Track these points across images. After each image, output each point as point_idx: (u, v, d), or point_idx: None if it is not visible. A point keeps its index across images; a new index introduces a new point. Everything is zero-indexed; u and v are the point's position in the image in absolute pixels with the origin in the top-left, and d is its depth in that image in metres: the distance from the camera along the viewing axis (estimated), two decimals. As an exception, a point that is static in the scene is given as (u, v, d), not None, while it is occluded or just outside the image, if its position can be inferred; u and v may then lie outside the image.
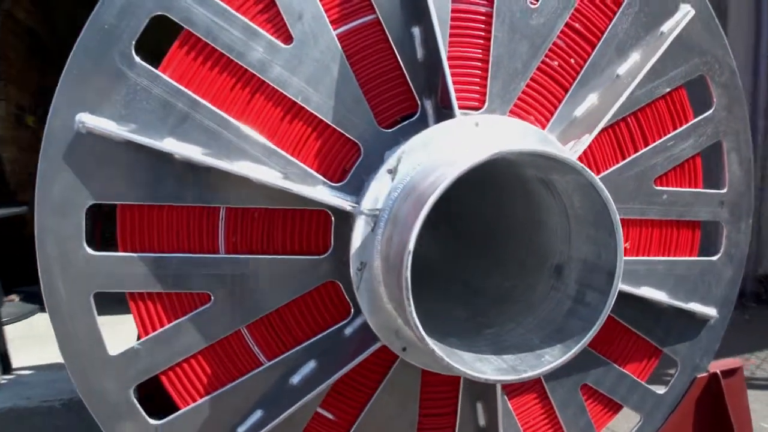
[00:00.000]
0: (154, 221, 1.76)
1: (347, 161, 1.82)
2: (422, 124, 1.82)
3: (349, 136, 1.82)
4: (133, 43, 1.67)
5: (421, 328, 1.47)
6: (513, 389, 2.13)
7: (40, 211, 1.65)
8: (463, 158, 1.47)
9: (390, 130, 1.84)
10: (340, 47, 1.77)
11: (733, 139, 2.18)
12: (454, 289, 2.26)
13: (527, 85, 1.94)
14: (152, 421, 1.83)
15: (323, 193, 1.76)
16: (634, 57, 2.01)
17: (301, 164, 1.80)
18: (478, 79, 1.90)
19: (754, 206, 2.25)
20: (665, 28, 1.99)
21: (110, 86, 1.65)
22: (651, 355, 2.25)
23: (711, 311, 2.25)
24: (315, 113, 1.79)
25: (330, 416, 1.96)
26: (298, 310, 1.88)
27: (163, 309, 1.80)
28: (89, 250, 1.71)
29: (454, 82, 1.90)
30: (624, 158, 2.08)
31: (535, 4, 1.91)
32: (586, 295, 1.71)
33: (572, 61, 1.97)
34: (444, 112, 1.82)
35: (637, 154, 2.09)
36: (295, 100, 1.77)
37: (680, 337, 2.26)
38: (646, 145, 2.11)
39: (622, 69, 1.99)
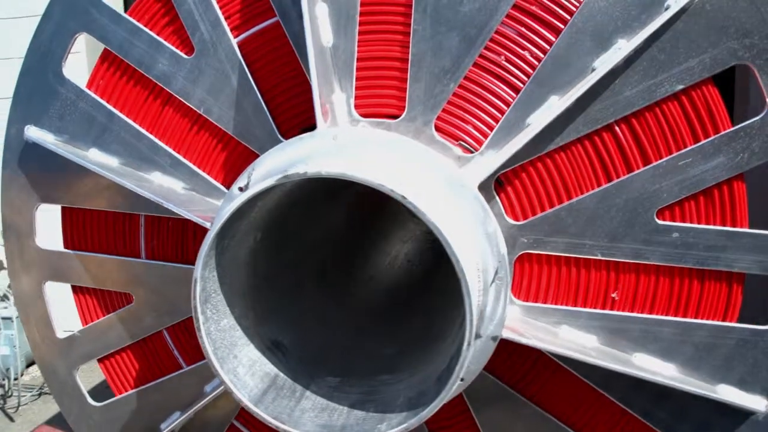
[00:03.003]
0: (87, 223, 1.59)
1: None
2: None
3: (251, 148, 1.38)
4: (63, 62, 1.46)
5: (210, 354, 1.04)
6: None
7: (4, 210, 1.73)
8: (244, 193, 0.98)
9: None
10: (239, 55, 1.36)
11: None
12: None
13: (461, 87, 1.30)
14: (92, 403, 1.63)
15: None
16: (621, 44, 1.19)
17: (206, 176, 1.45)
18: (396, 82, 1.29)
19: None
20: (680, 6, 1.15)
21: (47, 101, 1.51)
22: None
23: (756, 401, 1.28)
24: (217, 124, 1.39)
25: (245, 430, 1.55)
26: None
27: (98, 303, 1.64)
28: (39, 245, 1.57)
29: (368, 87, 1.35)
30: (608, 181, 1.26)
31: None
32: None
33: (526, 54, 1.23)
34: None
35: (628, 175, 1.25)
36: (198, 111, 1.39)
37: (703, 429, 1.32)
38: (646, 163, 1.25)
39: (601, 61, 1.19)
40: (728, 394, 1.42)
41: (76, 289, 1.74)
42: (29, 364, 4.41)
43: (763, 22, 1.28)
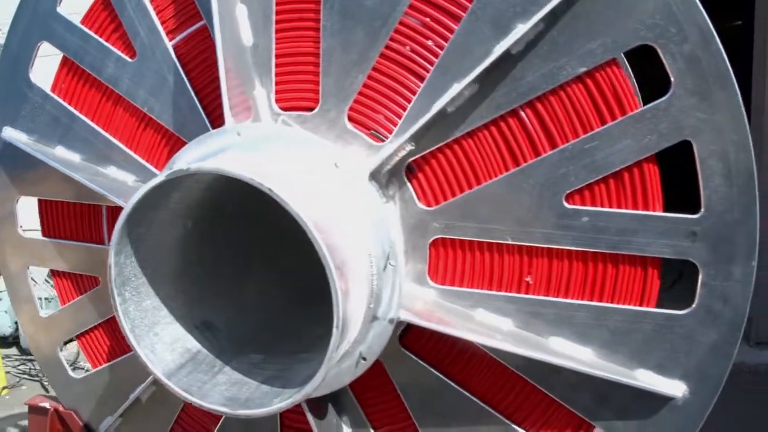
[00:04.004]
0: (59, 213, 1.77)
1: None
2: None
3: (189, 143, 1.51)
4: (30, 68, 1.63)
5: (127, 331, 1.15)
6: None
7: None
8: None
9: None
10: (174, 57, 1.48)
11: (712, 138, 1.17)
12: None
13: (370, 78, 1.36)
14: (73, 375, 1.82)
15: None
16: (521, 29, 1.20)
17: (153, 169, 1.60)
18: (311, 77, 1.37)
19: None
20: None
21: (19, 105, 1.70)
22: (578, 428, 1.38)
23: (674, 386, 1.27)
24: (160, 122, 1.52)
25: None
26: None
27: (72, 285, 1.82)
28: (21, 234, 1.77)
29: (287, 82, 1.42)
30: (516, 165, 1.28)
31: None
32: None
33: (430, 43, 1.27)
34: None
35: (535, 160, 1.27)
36: (143, 110, 1.52)
37: (624, 413, 1.34)
38: (552, 147, 1.26)
39: (503, 46, 1.21)
40: (647, 379, 1.39)
41: (54, 273, 1.93)
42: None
43: (664, 1, 1.24)
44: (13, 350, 5.57)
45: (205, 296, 1.58)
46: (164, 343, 1.39)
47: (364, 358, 1.35)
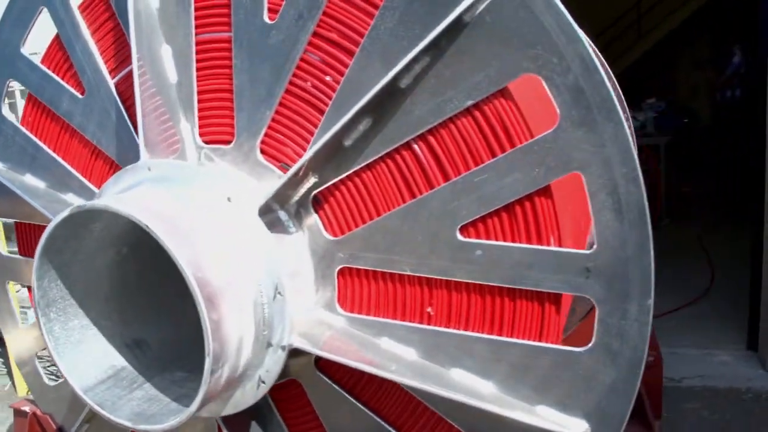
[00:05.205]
0: (31, 234, 1.94)
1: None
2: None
3: (130, 172, 1.64)
4: (2, 103, 1.82)
5: (51, 348, 1.29)
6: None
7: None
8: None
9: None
10: (115, 94, 1.60)
11: (601, 171, 1.15)
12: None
13: (278, 113, 1.42)
14: (48, 383, 2.00)
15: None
16: (402, 63, 1.24)
17: (103, 196, 1.69)
18: (229, 111, 1.45)
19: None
20: (454, 16, 1.17)
21: (-5, 136, 1.85)
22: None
23: (576, 424, 1.25)
24: (107, 153, 1.66)
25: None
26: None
27: (45, 301, 1.93)
28: (2, 252, 1.95)
29: (209, 117, 1.51)
30: (412, 197, 1.31)
31: (273, 18, 1.34)
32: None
33: (328, 78, 1.32)
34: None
35: (428, 193, 1.29)
36: (93, 142, 1.66)
37: None
38: (446, 180, 1.28)
39: (384, 80, 1.26)
40: (547, 415, 1.35)
41: (29, 288, 2.10)
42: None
43: (544, 32, 1.20)
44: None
45: (142, 315, 1.67)
46: (88, 360, 1.49)
47: (264, 382, 1.39)
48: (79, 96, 1.78)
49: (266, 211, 1.42)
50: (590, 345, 1.29)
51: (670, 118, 8.29)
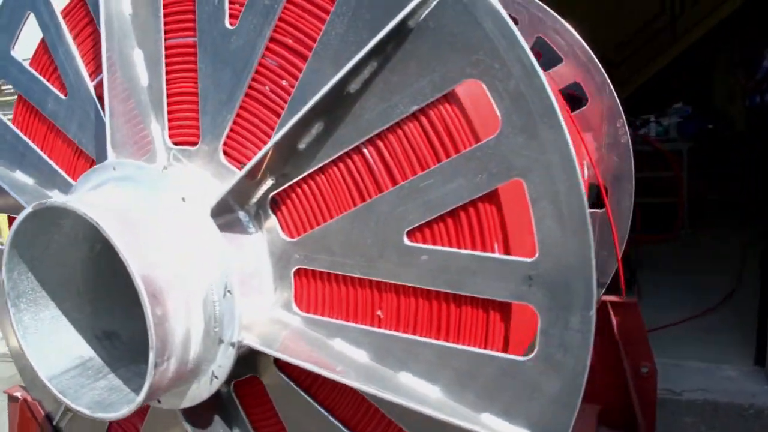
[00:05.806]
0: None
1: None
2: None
3: (107, 171, 1.70)
4: None
5: (20, 338, 1.36)
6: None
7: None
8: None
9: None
10: (94, 95, 1.67)
11: (542, 178, 1.15)
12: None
13: (239, 116, 1.46)
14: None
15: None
16: (347, 67, 1.27)
17: (83, 194, 1.77)
18: (195, 114, 1.50)
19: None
20: (396, 21, 1.19)
21: (-10, 135, 1.94)
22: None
23: None
24: (87, 152, 1.73)
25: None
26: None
27: (35, 292, 2.01)
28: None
29: (176, 119, 1.58)
30: (362, 201, 1.33)
31: (234, 24, 1.39)
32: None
33: (284, 82, 1.36)
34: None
35: (376, 197, 1.31)
36: (75, 141, 1.74)
37: None
38: (394, 184, 1.30)
39: (329, 85, 1.29)
40: (491, 423, 1.33)
41: (23, 281, 2.20)
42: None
43: (486, 37, 1.19)
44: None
45: (114, 309, 1.73)
46: (56, 349, 1.55)
47: (216, 377, 1.42)
48: (63, 97, 1.85)
49: (223, 212, 1.45)
50: (533, 354, 1.27)
51: (693, 123, 8.03)
